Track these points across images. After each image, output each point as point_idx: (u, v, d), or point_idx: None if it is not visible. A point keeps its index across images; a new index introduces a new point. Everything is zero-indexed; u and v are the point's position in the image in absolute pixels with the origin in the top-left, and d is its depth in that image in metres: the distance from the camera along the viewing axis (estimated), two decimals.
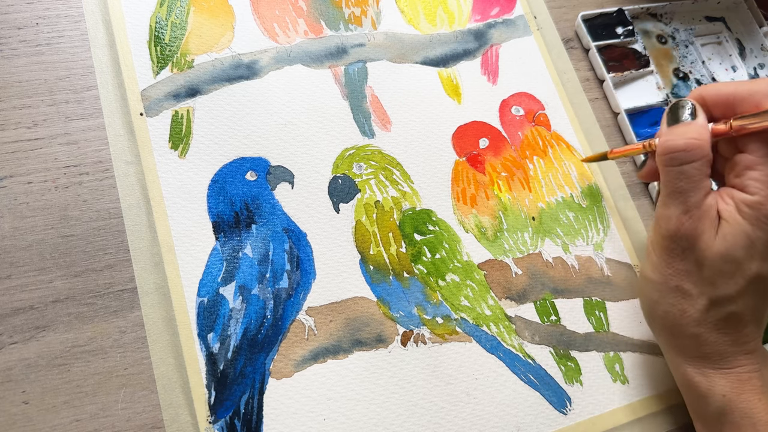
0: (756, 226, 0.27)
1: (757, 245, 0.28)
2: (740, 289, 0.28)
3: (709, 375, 0.29)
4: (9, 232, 0.31)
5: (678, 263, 0.29)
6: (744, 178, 0.28)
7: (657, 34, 0.46)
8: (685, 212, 0.28)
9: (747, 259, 0.28)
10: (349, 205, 0.35)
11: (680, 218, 0.28)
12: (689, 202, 0.28)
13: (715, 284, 0.28)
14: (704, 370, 0.29)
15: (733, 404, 0.28)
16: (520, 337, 0.35)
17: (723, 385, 0.29)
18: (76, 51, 0.35)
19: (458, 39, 0.42)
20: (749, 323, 0.29)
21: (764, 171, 0.27)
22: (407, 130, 0.38)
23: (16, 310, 0.30)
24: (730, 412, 0.28)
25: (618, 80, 0.43)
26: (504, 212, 0.38)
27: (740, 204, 0.28)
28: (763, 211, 0.27)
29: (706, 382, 0.29)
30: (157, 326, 0.31)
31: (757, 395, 0.28)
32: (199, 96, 0.36)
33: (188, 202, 0.33)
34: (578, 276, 0.37)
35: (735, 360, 0.29)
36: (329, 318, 0.33)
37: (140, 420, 0.29)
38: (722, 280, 0.28)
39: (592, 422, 0.34)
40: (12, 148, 0.33)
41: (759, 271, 0.28)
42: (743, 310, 0.29)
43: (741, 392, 0.28)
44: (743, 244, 0.28)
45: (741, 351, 0.29)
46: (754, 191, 0.27)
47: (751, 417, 0.28)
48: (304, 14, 0.40)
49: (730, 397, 0.28)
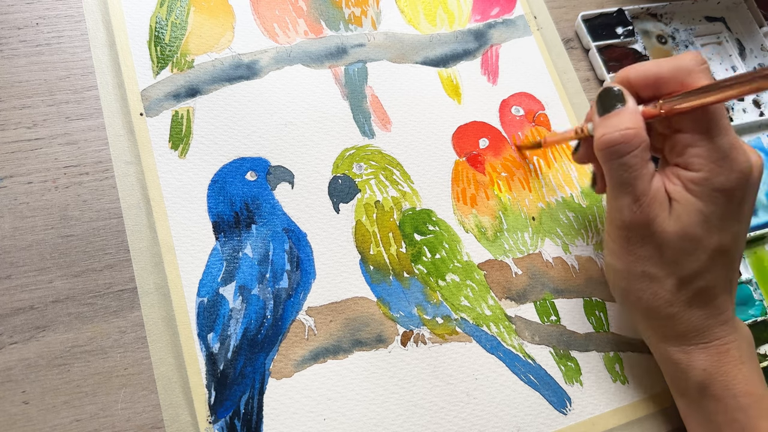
0: (707, 202, 0.27)
1: (711, 219, 0.28)
2: (704, 264, 0.29)
3: (689, 351, 0.30)
4: (9, 232, 0.31)
5: (638, 250, 0.29)
6: (686, 156, 0.28)
7: (657, 34, 0.46)
8: (635, 201, 0.28)
9: (705, 235, 0.28)
10: (349, 205, 0.35)
11: (631, 207, 0.28)
12: (637, 191, 0.28)
13: (679, 263, 0.29)
14: (684, 347, 0.30)
15: (713, 377, 0.29)
16: (520, 337, 0.35)
17: (703, 359, 0.29)
18: (76, 51, 0.35)
19: (458, 39, 0.42)
20: (719, 294, 0.29)
21: (704, 146, 0.27)
22: (407, 130, 0.38)
23: (16, 310, 0.30)
24: (711, 385, 0.29)
25: None
26: (504, 212, 0.38)
27: (687, 182, 0.28)
28: (711, 185, 0.27)
29: (686, 358, 0.30)
30: (157, 326, 0.31)
31: (735, 366, 0.29)
32: (199, 96, 0.36)
33: (188, 202, 0.33)
34: (578, 276, 0.37)
35: (712, 333, 0.29)
36: (329, 318, 0.33)
37: (140, 420, 0.29)
38: (685, 258, 0.28)
39: (592, 422, 0.34)
40: (12, 148, 0.33)
41: (719, 243, 0.28)
42: (712, 282, 0.29)
43: (720, 365, 0.29)
44: (698, 221, 0.28)
45: (716, 323, 0.29)
46: (698, 167, 0.27)
47: (731, 388, 0.29)
48: (304, 14, 0.40)
49: (710, 371, 0.29)
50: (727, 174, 0.27)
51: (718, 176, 0.27)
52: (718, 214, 0.28)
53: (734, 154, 0.27)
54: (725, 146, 0.27)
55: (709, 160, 0.27)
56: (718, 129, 0.27)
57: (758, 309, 0.39)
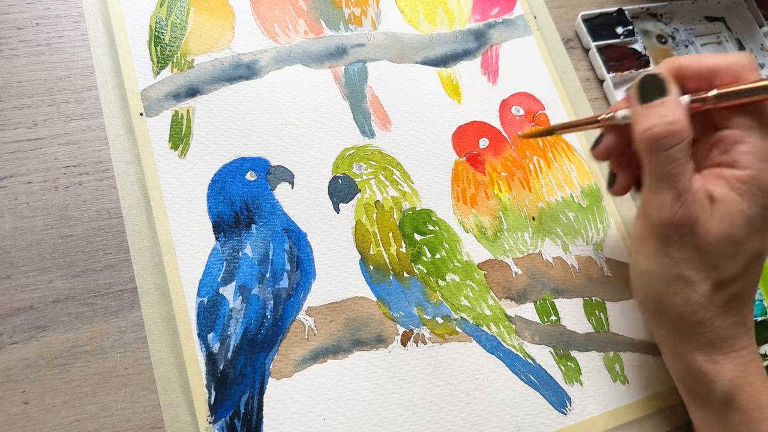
0: (752, 202, 0.26)
1: (755, 221, 0.27)
2: (742, 269, 0.28)
3: (718, 360, 0.28)
4: (9, 232, 0.31)
5: (676, 251, 0.28)
6: (733, 153, 0.27)
7: (657, 34, 0.46)
8: (677, 197, 0.27)
9: (747, 238, 0.27)
10: (349, 205, 0.35)
11: (673, 205, 0.27)
12: (679, 187, 0.27)
13: (717, 267, 0.27)
14: (712, 356, 0.29)
15: (739, 388, 0.28)
16: (520, 337, 0.35)
17: (731, 369, 0.28)
18: (76, 51, 0.35)
19: (458, 39, 0.42)
20: (748, 301, 0.29)
21: (753, 143, 0.26)
22: (407, 130, 0.38)
23: (16, 310, 0.30)
24: (737, 396, 0.28)
25: (618, 80, 0.43)
26: (504, 212, 0.38)
27: (733, 181, 0.27)
28: (758, 184, 0.26)
29: (714, 368, 0.28)
30: (157, 326, 0.31)
31: (759, 377, 0.28)
32: (199, 96, 0.36)
33: (188, 202, 0.33)
34: (578, 276, 0.37)
35: (740, 341, 0.28)
36: (329, 318, 0.33)
37: (140, 420, 0.29)
38: (724, 261, 0.27)
39: (592, 422, 0.34)
40: (12, 148, 0.33)
41: (759, 247, 0.28)
42: (745, 288, 0.28)
43: (747, 375, 0.28)
44: (742, 222, 0.27)
45: (743, 331, 0.28)
46: (746, 165, 0.26)
47: (757, 400, 0.28)
48: (304, 14, 0.40)
49: (737, 382, 0.28)
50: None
51: (765, 174, 0.26)
52: (761, 215, 0.27)
53: None
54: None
55: (757, 157, 0.26)
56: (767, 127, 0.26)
57: (758, 309, 0.39)
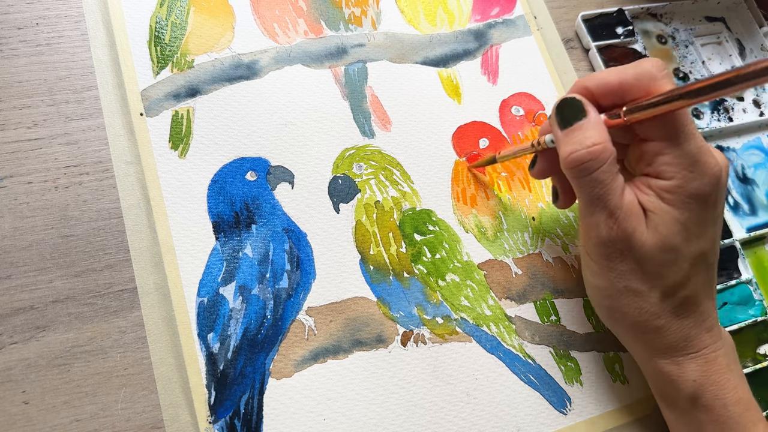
0: (683, 209, 0.27)
1: (689, 227, 0.27)
2: (687, 273, 0.28)
3: (680, 362, 0.29)
4: (9, 232, 0.31)
5: (619, 265, 0.28)
6: (656, 164, 0.27)
7: (657, 34, 0.46)
8: (610, 216, 0.27)
9: (684, 243, 0.28)
10: (349, 205, 0.35)
11: (607, 223, 0.27)
12: (611, 205, 0.27)
13: (661, 275, 0.28)
14: (674, 358, 0.29)
15: (703, 387, 0.29)
16: (520, 337, 0.35)
17: (693, 369, 0.29)
18: (76, 51, 0.35)
19: (458, 39, 0.42)
20: (702, 300, 0.29)
21: (673, 153, 0.27)
22: (407, 130, 0.38)
23: (16, 310, 0.30)
24: (702, 396, 0.29)
25: None
26: (504, 212, 0.38)
27: (660, 192, 0.27)
28: (685, 192, 0.27)
29: (677, 370, 0.29)
30: (157, 326, 0.31)
31: (724, 375, 0.29)
32: (199, 96, 0.36)
33: (188, 202, 0.33)
34: (578, 276, 0.37)
35: (700, 341, 0.29)
36: (329, 318, 0.33)
37: (140, 420, 0.29)
38: (667, 269, 0.28)
39: (592, 422, 0.34)
40: (12, 148, 0.33)
41: (699, 249, 0.28)
42: (695, 290, 0.29)
43: (710, 374, 0.29)
44: (676, 230, 0.27)
45: (703, 330, 0.29)
46: (670, 175, 0.27)
47: (722, 398, 0.28)
48: (304, 14, 0.40)
49: (701, 381, 0.29)
50: (700, 179, 0.27)
51: (691, 182, 0.27)
52: (695, 220, 0.27)
53: (704, 158, 0.27)
54: (694, 151, 0.27)
55: (680, 167, 0.27)
56: (686, 134, 0.27)
57: (758, 309, 0.39)
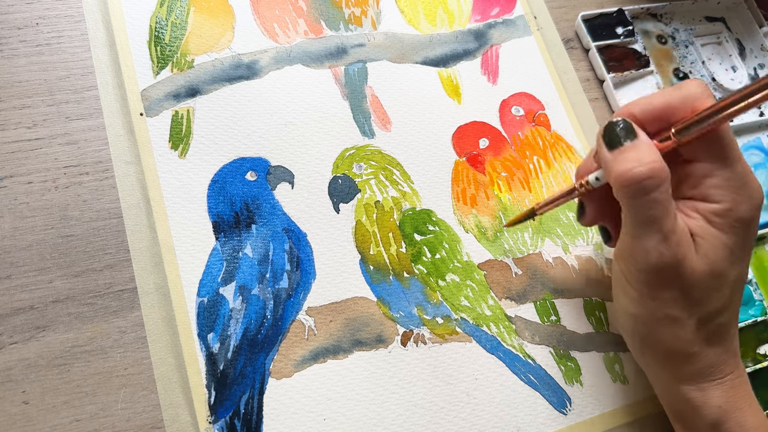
0: (731, 234, 0.26)
1: (736, 252, 0.27)
2: (727, 299, 0.28)
3: (705, 389, 0.28)
4: (9, 232, 0.31)
5: (663, 293, 0.27)
6: (703, 187, 0.27)
7: (657, 35, 0.46)
8: (663, 240, 0.26)
9: (729, 269, 0.27)
10: (349, 205, 0.35)
11: (658, 248, 0.26)
12: (665, 229, 0.26)
13: (703, 302, 0.27)
14: (700, 384, 0.29)
15: (727, 414, 0.28)
16: (520, 337, 0.35)
17: (718, 396, 0.28)
18: (76, 51, 0.35)
19: (458, 39, 0.42)
20: (733, 325, 0.29)
21: (722, 175, 0.26)
22: (407, 130, 0.38)
23: (16, 310, 0.30)
24: (725, 422, 0.28)
25: (618, 80, 0.43)
26: (504, 212, 0.38)
27: (709, 215, 0.27)
28: (734, 216, 0.26)
29: (702, 396, 0.29)
30: (157, 326, 0.31)
31: (746, 402, 0.28)
32: (199, 96, 0.36)
33: (188, 202, 0.33)
34: (578, 276, 0.37)
35: (726, 366, 0.28)
36: (329, 318, 0.33)
37: (140, 420, 0.29)
38: (711, 296, 0.27)
39: (592, 422, 0.34)
40: (12, 148, 0.33)
41: (739, 274, 0.28)
42: (730, 316, 0.28)
43: (734, 400, 0.28)
44: (725, 256, 0.27)
45: (729, 356, 0.29)
46: (719, 199, 0.26)
47: (744, 424, 0.28)
48: (304, 14, 0.40)
49: (725, 408, 0.28)
50: (748, 202, 0.26)
51: (739, 206, 0.26)
52: (740, 244, 0.27)
53: (751, 181, 0.26)
54: (742, 173, 0.26)
55: (729, 190, 0.26)
56: (734, 157, 0.26)
57: (758, 309, 0.39)
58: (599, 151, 0.27)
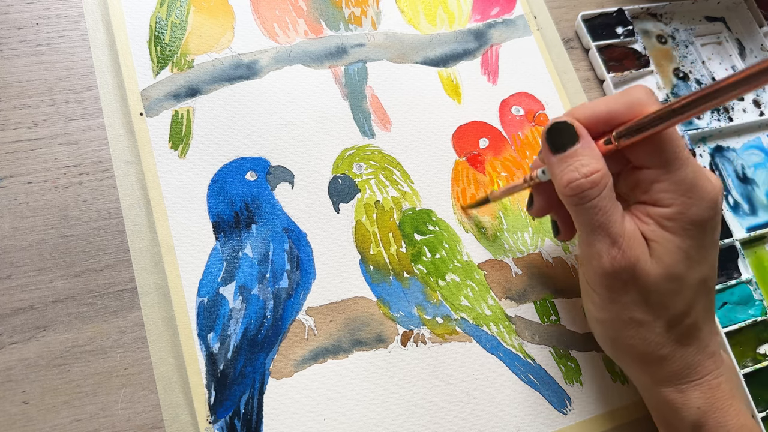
0: (684, 236, 0.26)
1: (691, 254, 0.27)
2: (690, 301, 0.28)
3: (683, 390, 0.29)
4: (9, 232, 0.31)
5: (623, 297, 0.28)
6: (653, 192, 0.27)
7: (657, 34, 0.46)
8: (613, 244, 0.26)
9: (687, 271, 0.27)
10: (349, 205, 0.35)
11: (609, 252, 0.27)
12: (613, 233, 0.26)
13: (666, 305, 0.28)
14: (678, 386, 0.29)
15: (707, 415, 0.28)
16: (520, 337, 0.35)
17: (697, 397, 0.28)
18: (76, 51, 0.35)
19: (458, 39, 0.42)
20: (703, 326, 0.29)
21: (669, 179, 0.26)
22: (407, 130, 0.38)
23: (16, 310, 0.30)
24: (705, 423, 0.28)
25: (618, 80, 0.43)
26: (504, 212, 0.38)
27: (660, 219, 0.27)
28: (686, 219, 0.26)
29: (681, 398, 0.29)
30: (157, 326, 0.31)
31: (727, 401, 0.28)
32: (199, 96, 0.36)
33: (188, 202, 0.33)
34: (578, 276, 0.37)
35: (703, 367, 0.29)
36: (329, 318, 0.33)
37: (140, 420, 0.29)
38: (671, 299, 0.27)
39: (592, 422, 0.34)
40: (12, 148, 0.33)
41: (701, 275, 0.28)
42: (697, 317, 0.28)
43: (713, 401, 0.28)
44: (680, 259, 0.27)
45: (705, 357, 0.29)
46: (668, 203, 0.26)
47: (724, 424, 0.28)
48: (304, 14, 0.40)
49: (704, 409, 0.28)
50: (699, 204, 0.26)
51: (690, 208, 0.26)
52: (696, 246, 0.27)
53: (701, 182, 0.26)
54: (690, 176, 0.26)
55: (677, 193, 0.26)
56: (680, 160, 0.26)
57: (758, 309, 0.39)
58: (544, 152, 0.28)
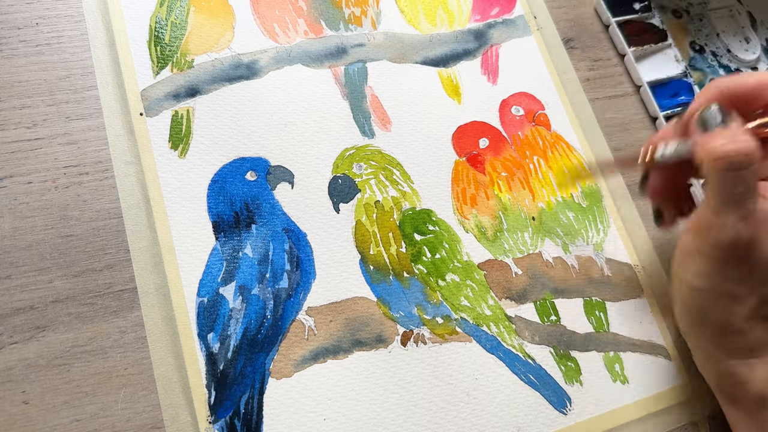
0: None
1: None
2: None
3: (753, 364, 0.29)
4: (9, 232, 0.31)
5: (731, 270, 0.28)
6: None
7: (672, 9, 0.47)
8: (742, 219, 0.27)
9: None
10: (349, 205, 0.35)
11: (737, 226, 0.27)
12: (746, 208, 0.27)
13: (766, 282, 0.28)
14: (748, 360, 0.29)
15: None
16: (520, 337, 0.35)
17: (765, 371, 0.29)
18: (76, 51, 0.35)
19: (458, 39, 0.42)
20: None
21: None
22: (407, 130, 0.38)
23: (16, 310, 0.30)
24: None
25: (639, 54, 0.44)
26: (504, 212, 0.38)
27: None
28: None
29: (747, 371, 0.29)
30: (157, 326, 0.31)
31: None
32: (199, 96, 0.36)
33: (188, 202, 0.33)
34: (578, 276, 0.37)
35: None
36: (329, 318, 0.33)
37: (140, 420, 0.29)
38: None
39: (592, 422, 0.34)
40: (12, 148, 0.33)
41: None
42: None
43: None
44: None
45: None
46: None
47: None
48: (304, 14, 0.40)
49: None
50: None
51: None
52: None
53: None
54: None
55: None
56: None
57: None
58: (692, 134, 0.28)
